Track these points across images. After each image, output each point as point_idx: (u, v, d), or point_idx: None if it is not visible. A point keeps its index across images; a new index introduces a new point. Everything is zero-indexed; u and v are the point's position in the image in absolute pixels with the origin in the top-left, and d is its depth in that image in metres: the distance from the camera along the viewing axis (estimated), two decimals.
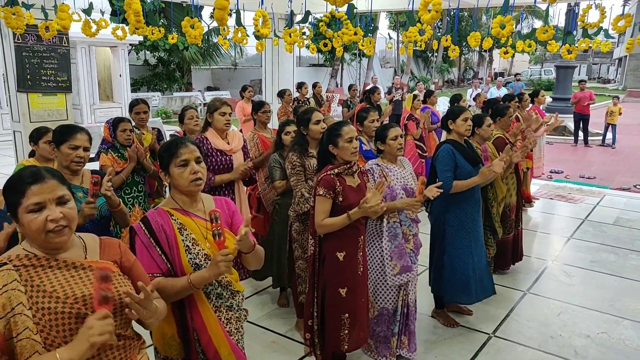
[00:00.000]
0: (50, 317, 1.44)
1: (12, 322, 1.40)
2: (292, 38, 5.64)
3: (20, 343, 1.39)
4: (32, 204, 1.48)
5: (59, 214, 1.50)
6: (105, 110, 13.14)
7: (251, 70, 25.52)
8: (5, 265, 1.46)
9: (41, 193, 1.49)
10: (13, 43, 5.99)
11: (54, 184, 1.53)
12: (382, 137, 3.23)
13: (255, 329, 3.82)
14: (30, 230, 1.49)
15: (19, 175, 1.54)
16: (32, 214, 1.48)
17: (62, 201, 1.53)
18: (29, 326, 1.41)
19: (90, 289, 1.52)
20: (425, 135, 7.31)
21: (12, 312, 1.40)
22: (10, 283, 1.43)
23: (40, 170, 1.55)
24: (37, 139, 3.58)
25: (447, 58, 35.91)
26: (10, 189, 1.52)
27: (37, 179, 1.51)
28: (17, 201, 1.49)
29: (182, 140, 2.08)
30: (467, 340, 3.72)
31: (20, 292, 1.43)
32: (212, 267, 1.93)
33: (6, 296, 1.41)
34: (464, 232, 3.63)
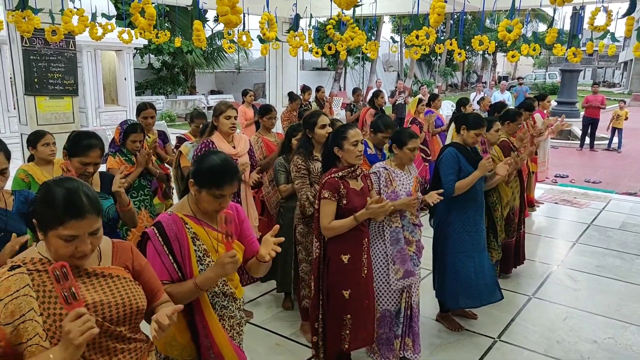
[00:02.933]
0: (60, 323, 1.43)
1: (21, 328, 1.39)
2: (297, 41, 5.66)
3: (30, 349, 1.39)
4: (67, 235, 1.45)
5: (89, 247, 1.48)
6: (110, 114, 13.21)
7: (255, 73, 25.58)
8: (19, 269, 1.46)
9: (79, 228, 1.46)
10: (21, 47, 6.03)
11: (92, 219, 1.48)
12: (400, 143, 3.23)
13: (259, 332, 3.82)
14: (56, 252, 1.48)
15: (57, 201, 1.46)
16: (63, 241, 1.46)
17: (95, 233, 1.51)
18: (39, 332, 1.40)
19: (102, 296, 1.53)
20: (429, 139, 7.32)
21: (21, 318, 1.40)
22: (23, 288, 1.42)
23: (82, 201, 1.47)
24: (34, 142, 3.56)
25: (450, 62, 35.92)
26: (48, 212, 1.46)
27: (79, 215, 1.45)
28: (52, 226, 1.45)
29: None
30: (472, 344, 3.71)
31: (32, 297, 1.42)
32: (217, 268, 1.92)
33: (17, 302, 1.40)
34: (466, 235, 3.64)
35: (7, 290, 1.41)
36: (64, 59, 6.57)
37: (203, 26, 4.43)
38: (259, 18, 5.99)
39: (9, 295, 1.40)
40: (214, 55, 20.99)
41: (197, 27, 4.14)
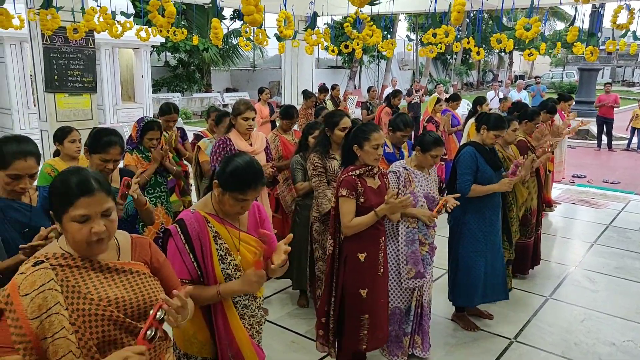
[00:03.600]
0: (84, 318, 1.45)
1: (46, 322, 1.41)
2: (314, 40, 5.67)
3: (55, 342, 1.40)
4: (78, 215, 1.47)
5: (102, 226, 1.49)
6: (127, 111, 13.33)
7: (270, 71, 25.65)
8: (42, 264, 1.47)
9: (89, 206, 1.48)
10: (42, 44, 6.12)
11: (101, 197, 1.51)
12: (425, 147, 3.21)
13: (275, 329, 3.84)
14: (73, 238, 1.50)
15: (68, 184, 1.51)
16: (77, 224, 1.48)
17: (107, 214, 1.53)
18: (65, 326, 1.42)
19: (123, 292, 1.55)
20: (445, 138, 7.28)
21: (47, 312, 1.41)
22: (48, 283, 1.44)
23: (90, 180, 1.52)
24: (61, 138, 3.61)
25: (466, 60, 35.61)
26: (59, 196, 1.51)
27: (87, 192, 1.49)
28: (64, 209, 1.49)
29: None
30: (487, 344, 3.69)
31: (57, 292, 1.44)
32: (244, 284, 1.96)
33: (42, 296, 1.42)
34: (481, 235, 3.62)
35: (33, 285, 1.43)
36: (84, 57, 6.66)
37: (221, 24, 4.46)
38: (276, 16, 6.01)
39: (35, 290, 1.42)
40: (229, 53, 21.08)
41: (215, 25, 4.17)
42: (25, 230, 2.14)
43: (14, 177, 2.11)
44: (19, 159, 2.09)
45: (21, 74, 11.15)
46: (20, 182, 2.12)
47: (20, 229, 2.14)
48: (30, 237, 2.06)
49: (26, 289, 1.42)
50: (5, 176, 2.11)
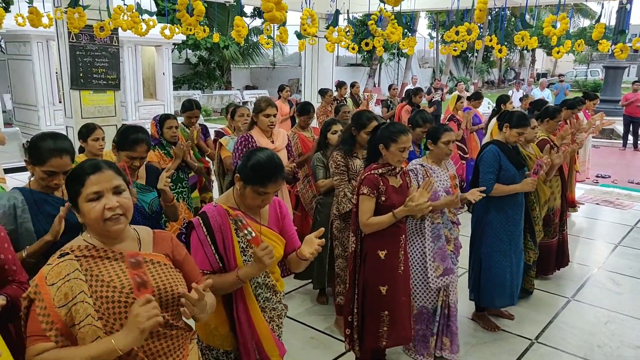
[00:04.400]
0: (108, 305, 1.50)
1: (73, 310, 1.47)
2: (336, 37, 5.67)
3: (83, 329, 1.46)
4: (91, 192, 1.56)
5: (115, 202, 1.57)
6: (148, 108, 13.51)
7: (289, 69, 25.70)
8: (67, 256, 1.54)
9: (99, 182, 1.57)
10: (68, 42, 6.24)
11: (110, 174, 1.60)
12: (434, 138, 3.20)
13: (294, 325, 3.87)
14: (89, 218, 1.57)
15: (79, 166, 1.63)
16: (91, 202, 1.56)
17: (118, 190, 1.60)
18: (90, 313, 1.47)
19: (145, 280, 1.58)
20: (467, 136, 7.22)
21: (73, 300, 1.47)
22: (73, 272, 1.50)
23: (98, 161, 1.64)
24: (85, 136, 3.66)
25: (487, 58, 35.18)
26: (72, 179, 1.61)
27: (96, 169, 1.59)
28: (78, 191, 1.58)
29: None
30: (508, 344, 3.66)
31: (81, 281, 1.50)
32: (256, 261, 1.98)
33: (68, 285, 1.48)
34: (504, 235, 3.59)
35: (59, 275, 1.49)
36: (108, 54, 6.76)
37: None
38: (296, 14, 6.03)
39: (61, 279, 1.49)
40: (249, 50, 21.18)
41: (238, 23, 4.20)
42: None
43: (49, 174, 2.19)
44: (55, 157, 2.17)
45: (47, 72, 11.38)
46: (54, 179, 2.19)
47: (53, 221, 2.20)
48: (65, 229, 2.12)
49: (53, 279, 1.49)
50: (41, 172, 2.18)
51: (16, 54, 11.71)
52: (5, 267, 1.81)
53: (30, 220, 2.21)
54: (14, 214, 2.18)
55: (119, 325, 1.51)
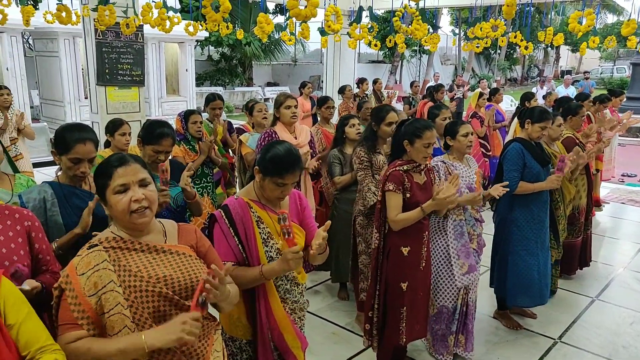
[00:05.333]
0: (136, 294, 1.55)
1: (103, 299, 1.52)
2: (359, 34, 5.67)
3: (112, 318, 1.51)
4: (118, 185, 1.61)
5: (141, 194, 1.61)
6: (171, 104, 13.67)
7: (310, 66, 25.72)
8: (96, 247, 1.59)
9: (125, 175, 1.62)
10: (95, 39, 6.36)
11: (136, 167, 1.65)
12: (452, 133, 3.19)
13: (315, 320, 3.89)
14: (116, 210, 1.61)
15: (106, 160, 1.69)
16: (118, 195, 1.61)
17: (144, 183, 1.65)
18: (120, 302, 1.52)
19: (170, 271, 1.63)
20: (489, 133, 7.15)
21: (103, 289, 1.52)
22: (102, 263, 1.56)
23: (124, 155, 1.69)
24: (112, 130, 3.73)
25: (510, 55, 34.65)
26: (99, 173, 1.67)
27: (122, 163, 1.64)
28: (105, 183, 1.63)
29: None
30: (531, 343, 3.63)
31: (110, 271, 1.55)
32: (282, 263, 2.01)
33: (98, 275, 1.53)
34: (530, 233, 3.55)
35: (88, 265, 1.55)
36: (133, 51, 6.87)
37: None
38: (319, 10, 6.01)
39: (91, 269, 1.54)
40: (271, 47, 21.26)
41: (262, 20, 4.24)
42: None
43: (75, 162, 2.24)
44: (79, 143, 2.23)
45: (73, 68, 11.59)
46: (80, 166, 2.25)
47: (81, 214, 2.26)
48: (94, 223, 2.18)
49: (82, 269, 1.54)
50: (67, 160, 2.24)
51: (44, 51, 11.96)
52: (40, 257, 1.87)
53: (59, 214, 2.26)
54: (44, 207, 2.23)
55: (146, 314, 1.55)
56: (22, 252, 1.79)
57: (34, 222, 1.89)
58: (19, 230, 1.82)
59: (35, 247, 1.86)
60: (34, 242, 1.85)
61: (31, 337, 1.45)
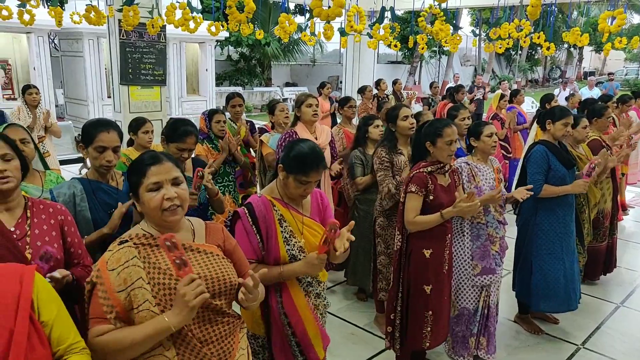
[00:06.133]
0: (165, 292, 1.57)
1: (132, 295, 1.54)
2: (381, 35, 5.65)
3: (141, 314, 1.54)
4: (151, 183, 1.63)
5: (173, 193, 1.64)
6: (191, 103, 13.80)
7: (329, 66, 25.72)
8: (126, 243, 1.62)
9: (159, 173, 1.64)
10: (119, 40, 6.46)
11: (169, 166, 1.68)
12: (476, 134, 3.17)
13: (334, 320, 3.90)
14: (149, 208, 1.64)
15: (140, 158, 1.71)
16: (150, 192, 1.63)
17: (177, 182, 1.67)
18: (148, 299, 1.54)
19: (198, 269, 1.64)
20: (511, 135, 7.08)
21: (132, 285, 1.55)
22: (132, 259, 1.58)
23: (158, 153, 1.72)
24: (136, 129, 3.78)
25: (531, 56, 34.17)
26: (133, 170, 1.69)
27: (156, 161, 1.66)
28: (139, 181, 1.65)
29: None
30: (553, 349, 3.58)
31: (139, 267, 1.57)
32: (306, 266, 2.04)
33: (127, 271, 1.56)
34: (555, 237, 3.50)
35: (118, 261, 1.57)
36: (155, 51, 6.96)
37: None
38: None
39: (121, 265, 1.56)
40: (290, 47, 21.32)
41: (284, 20, 4.26)
42: (112, 211, 2.31)
43: (100, 150, 2.31)
44: (103, 132, 2.31)
45: (97, 68, 11.78)
46: (106, 155, 2.32)
47: (108, 209, 2.31)
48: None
49: (113, 265, 1.57)
50: (93, 150, 2.31)
51: (69, 51, 12.18)
52: (72, 250, 1.92)
53: (88, 209, 2.32)
54: (74, 202, 2.29)
55: None
56: (55, 245, 1.84)
57: (67, 217, 1.93)
58: (52, 224, 1.87)
59: (68, 240, 1.91)
60: (66, 236, 1.90)
61: (61, 335, 1.48)
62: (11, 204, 1.81)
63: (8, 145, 1.81)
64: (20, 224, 1.80)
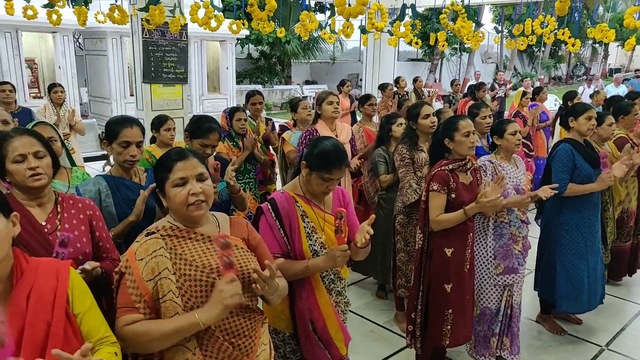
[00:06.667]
0: (190, 283, 1.60)
1: (159, 284, 1.58)
2: (402, 32, 5.63)
3: (165, 304, 1.57)
4: (177, 178, 1.66)
5: (199, 188, 1.67)
6: (212, 101, 13.92)
7: (348, 64, 25.66)
8: (154, 234, 1.66)
9: (185, 169, 1.67)
10: (142, 38, 6.56)
11: (195, 162, 1.71)
12: (499, 132, 3.15)
13: (354, 317, 3.90)
14: (174, 203, 1.67)
15: (167, 154, 1.75)
16: (176, 187, 1.66)
17: (202, 178, 1.70)
18: (172, 289, 1.58)
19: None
20: (533, 133, 6.97)
21: (159, 275, 1.58)
22: (159, 250, 1.62)
23: (184, 150, 1.75)
24: (158, 126, 3.85)
25: (554, 53, 33.59)
26: (160, 166, 1.73)
27: (182, 157, 1.70)
28: (165, 177, 1.69)
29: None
30: (575, 350, 3.54)
31: (166, 258, 1.61)
32: (329, 259, 2.06)
33: (155, 261, 1.60)
34: (579, 237, 3.45)
35: (147, 251, 1.61)
36: (177, 49, 7.05)
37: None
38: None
39: (149, 255, 1.61)
40: (310, 45, 21.34)
41: (305, 18, 4.27)
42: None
43: (125, 145, 2.36)
44: (127, 127, 2.36)
45: (120, 66, 11.97)
46: (130, 150, 2.36)
47: (131, 205, 2.36)
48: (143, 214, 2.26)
49: (141, 255, 1.61)
50: (117, 146, 2.36)
51: (93, 50, 12.40)
52: (100, 244, 1.97)
53: (113, 205, 2.37)
54: (99, 198, 2.34)
55: (199, 302, 1.60)
56: (84, 239, 1.89)
57: (95, 212, 1.99)
58: (82, 219, 1.92)
59: (96, 235, 1.96)
60: (95, 230, 1.95)
61: (93, 328, 1.52)
62: (43, 199, 1.87)
63: (40, 143, 1.85)
64: (51, 218, 1.86)
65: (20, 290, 1.41)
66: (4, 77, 9.90)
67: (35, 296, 1.41)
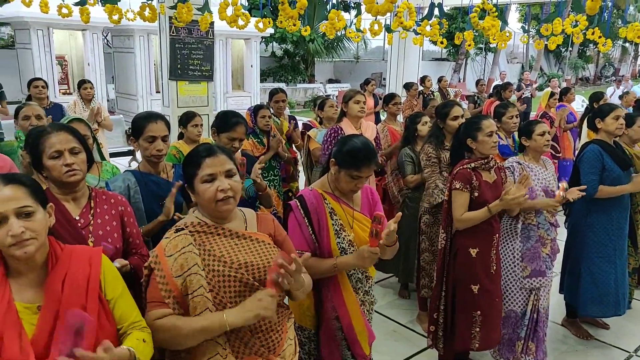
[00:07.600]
0: (219, 279, 1.62)
1: (187, 280, 1.60)
2: (430, 31, 5.59)
3: (194, 300, 1.60)
4: (206, 174, 1.68)
5: (227, 184, 1.68)
6: (236, 99, 14.03)
7: (372, 63, 25.57)
8: (183, 231, 1.68)
9: (213, 165, 1.69)
10: (169, 36, 6.65)
11: (224, 159, 1.72)
12: (527, 132, 3.11)
13: (376, 317, 3.86)
14: (203, 199, 1.69)
15: (196, 150, 1.77)
16: (205, 184, 1.68)
17: (230, 174, 1.72)
18: (202, 285, 1.60)
19: (251, 257, 1.69)
20: (560, 134, 6.86)
21: (188, 271, 1.61)
22: (188, 246, 1.64)
23: (213, 146, 1.77)
24: (186, 122, 3.89)
25: (582, 53, 32.89)
26: (189, 162, 1.76)
27: (211, 153, 1.72)
28: (194, 173, 1.71)
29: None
30: (602, 355, 3.47)
31: (195, 254, 1.63)
32: (358, 259, 2.06)
33: (184, 257, 1.62)
34: (608, 240, 3.38)
35: (176, 247, 1.64)
36: (203, 47, 7.12)
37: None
38: None
39: (178, 251, 1.63)
40: (334, 44, 21.32)
41: (333, 16, 4.28)
42: (163, 202, 2.39)
43: (150, 140, 2.40)
44: (152, 122, 2.40)
45: (147, 63, 12.16)
46: (156, 144, 2.40)
47: (159, 200, 2.40)
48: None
49: (170, 251, 1.63)
50: (144, 141, 2.40)
51: (120, 47, 12.62)
52: (130, 240, 2.01)
53: (141, 201, 2.41)
54: (128, 194, 2.38)
55: (227, 298, 1.62)
56: (115, 234, 1.93)
57: (126, 207, 2.03)
58: (114, 214, 1.96)
59: (127, 230, 2.00)
60: (126, 226, 1.99)
61: (124, 313, 1.56)
62: (77, 194, 1.91)
63: (76, 139, 1.89)
64: (85, 213, 1.90)
65: (56, 276, 1.46)
66: (35, 73, 10.15)
67: (69, 282, 1.46)
